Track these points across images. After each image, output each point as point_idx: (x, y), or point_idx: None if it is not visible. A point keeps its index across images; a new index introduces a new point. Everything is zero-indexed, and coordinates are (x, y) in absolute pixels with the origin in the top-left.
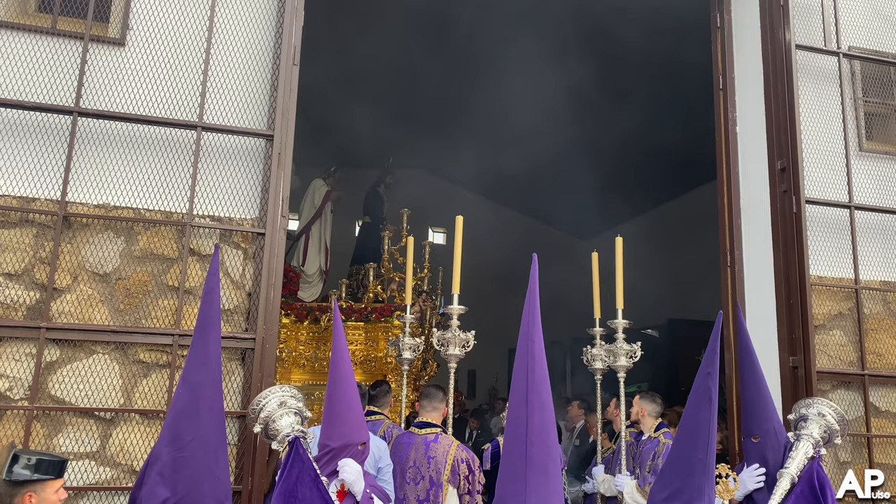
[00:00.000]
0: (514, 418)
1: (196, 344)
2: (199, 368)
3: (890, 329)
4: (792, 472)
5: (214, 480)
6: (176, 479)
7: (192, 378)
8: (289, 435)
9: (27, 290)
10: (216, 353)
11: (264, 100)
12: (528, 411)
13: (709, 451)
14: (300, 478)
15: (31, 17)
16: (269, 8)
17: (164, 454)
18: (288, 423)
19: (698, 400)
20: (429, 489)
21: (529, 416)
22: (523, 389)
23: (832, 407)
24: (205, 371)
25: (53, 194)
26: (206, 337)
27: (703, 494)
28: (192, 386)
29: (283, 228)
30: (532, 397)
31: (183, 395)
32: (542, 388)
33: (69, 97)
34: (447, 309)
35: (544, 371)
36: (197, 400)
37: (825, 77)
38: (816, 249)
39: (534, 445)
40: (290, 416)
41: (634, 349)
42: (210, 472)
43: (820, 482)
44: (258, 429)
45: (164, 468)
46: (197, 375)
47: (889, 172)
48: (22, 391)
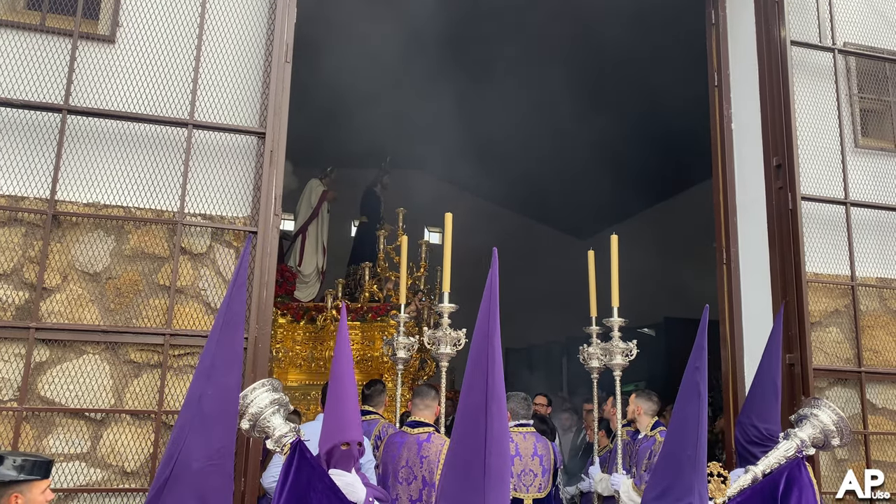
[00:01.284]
0: (470, 427)
1: (225, 343)
2: (228, 370)
3: (886, 326)
4: (758, 469)
5: (232, 488)
6: (207, 488)
7: (221, 379)
8: (285, 435)
9: (16, 289)
10: (241, 353)
11: (256, 97)
12: (488, 419)
13: (698, 447)
14: (311, 484)
15: (19, 14)
16: (262, 4)
17: (197, 462)
18: (281, 421)
19: (687, 396)
20: (421, 489)
21: (489, 424)
22: (482, 395)
23: (831, 409)
24: (234, 373)
25: (42, 193)
26: (235, 335)
27: (693, 491)
28: (223, 389)
29: (276, 227)
30: (492, 404)
31: (213, 398)
32: (501, 393)
33: (58, 95)
34: (438, 307)
35: (502, 375)
36: (228, 404)
37: (820, 73)
38: (812, 246)
39: (492, 455)
40: (280, 413)
41: (630, 347)
42: (231, 480)
43: (789, 482)
44: (246, 425)
45: (197, 477)
46: (227, 378)
47: (885, 168)
48: (11, 392)
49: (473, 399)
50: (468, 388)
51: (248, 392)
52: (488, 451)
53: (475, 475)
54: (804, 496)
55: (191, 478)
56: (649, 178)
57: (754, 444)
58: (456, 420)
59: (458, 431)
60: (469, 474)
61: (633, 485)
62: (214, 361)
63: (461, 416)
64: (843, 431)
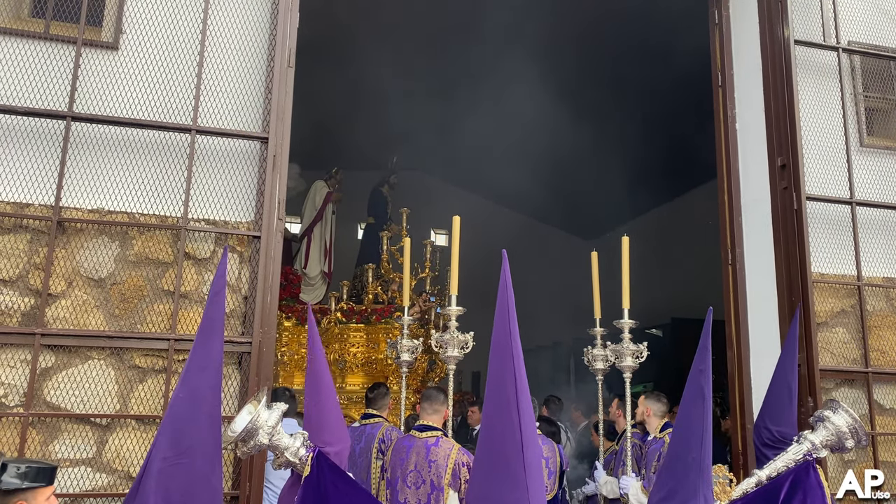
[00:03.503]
0: (503, 422)
1: (199, 347)
2: (200, 373)
3: (893, 326)
4: (763, 473)
5: (210, 489)
6: (171, 486)
7: (192, 382)
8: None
9: (22, 296)
10: (218, 357)
11: (260, 102)
12: (520, 413)
13: (703, 449)
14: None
15: (24, 21)
16: (264, 10)
17: (159, 461)
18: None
19: (691, 398)
20: (430, 493)
21: (521, 417)
22: (511, 390)
23: (846, 411)
24: (206, 376)
25: (47, 199)
26: (210, 341)
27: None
28: (193, 390)
29: (280, 231)
30: (522, 398)
31: (183, 400)
32: (527, 388)
33: (63, 102)
34: (445, 311)
35: (524, 371)
36: (197, 405)
37: (825, 72)
38: (818, 246)
39: (529, 448)
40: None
41: (641, 349)
42: (207, 481)
43: (794, 485)
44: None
45: (160, 476)
46: (198, 380)
47: (891, 167)
48: (17, 398)
49: (502, 397)
50: (495, 387)
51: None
52: (525, 443)
53: (515, 469)
54: (810, 498)
55: (156, 475)
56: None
57: (768, 446)
58: (484, 420)
59: (491, 429)
60: (509, 469)
61: (642, 487)
62: (189, 366)
63: (491, 415)
64: (859, 434)
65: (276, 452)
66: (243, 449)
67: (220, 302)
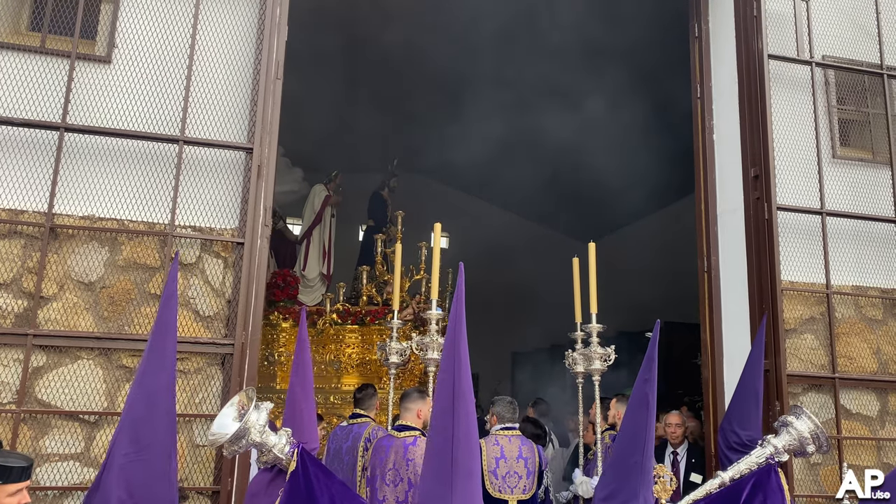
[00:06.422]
0: (440, 424)
1: (154, 348)
2: (156, 374)
3: (861, 333)
4: (726, 475)
5: (168, 483)
6: (132, 482)
7: (148, 382)
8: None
9: (15, 298)
10: (172, 358)
11: (246, 113)
12: (455, 418)
13: (645, 454)
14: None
15: (22, 35)
16: (251, 24)
17: (120, 458)
18: (273, 436)
19: (636, 405)
20: (407, 490)
21: (456, 421)
22: (449, 397)
23: (809, 418)
24: (162, 376)
25: (41, 206)
26: (164, 342)
27: (638, 496)
28: (149, 390)
29: (266, 237)
30: (458, 404)
31: (140, 399)
32: (468, 395)
33: (56, 113)
34: (426, 314)
35: (469, 378)
36: (154, 405)
37: (799, 86)
38: (789, 255)
39: (460, 448)
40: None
41: (609, 352)
42: (165, 476)
43: (755, 487)
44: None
45: (121, 471)
46: (154, 380)
47: (863, 178)
48: (10, 395)
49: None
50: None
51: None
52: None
53: (444, 467)
54: (770, 500)
55: (117, 470)
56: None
57: (734, 450)
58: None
59: (430, 429)
60: (440, 466)
61: None
62: (145, 367)
63: (433, 416)
64: (820, 439)
65: (264, 450)
66: (232, 448)
67: (173, 306)
